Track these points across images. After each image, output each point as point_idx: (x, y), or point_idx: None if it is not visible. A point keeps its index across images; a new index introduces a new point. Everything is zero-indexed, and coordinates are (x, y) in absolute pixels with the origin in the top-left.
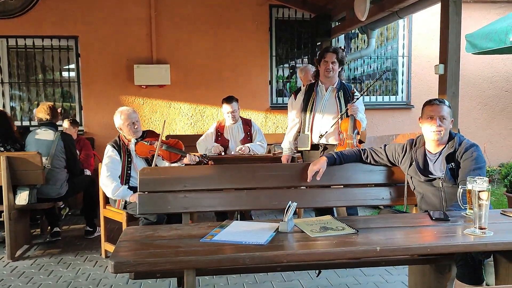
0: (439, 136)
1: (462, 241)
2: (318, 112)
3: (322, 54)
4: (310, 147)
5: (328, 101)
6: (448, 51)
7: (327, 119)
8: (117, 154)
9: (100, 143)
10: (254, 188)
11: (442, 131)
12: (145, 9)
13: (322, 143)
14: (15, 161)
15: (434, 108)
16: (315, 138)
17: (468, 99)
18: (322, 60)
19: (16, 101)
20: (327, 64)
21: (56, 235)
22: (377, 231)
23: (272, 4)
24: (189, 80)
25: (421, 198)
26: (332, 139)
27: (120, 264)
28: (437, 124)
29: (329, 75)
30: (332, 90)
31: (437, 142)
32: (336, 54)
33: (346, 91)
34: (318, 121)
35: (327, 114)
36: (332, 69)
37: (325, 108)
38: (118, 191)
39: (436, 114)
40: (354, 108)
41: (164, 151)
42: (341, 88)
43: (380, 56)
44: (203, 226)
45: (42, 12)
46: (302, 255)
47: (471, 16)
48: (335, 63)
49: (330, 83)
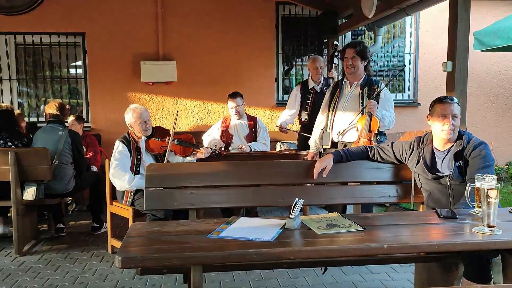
0: (451, 135)
1: (471, 239)
2: (340, 109)
3: (342, 51)
4: (330, 145)
5: (351, 98)
6: (456, 49)
7: (348, 117)
8: (127, 150)
9: (107, 139)
10: (260, 185)
11: (454, 130)
12: (152, 6)
13: (342, 141)
14: (23, 156)
15: (446, 107)
16: (334, 136)
17: (476, 97)
18: (343, 57)
19: (23, 97)
20: (347, 60)
21: (60, 231)
22: (384, 229)
23: (279, 1)
24: (195, 77)
25: (428, 196)
26: (350, 137)
27: (127, 260)
28: (451, 123)
29: (350, 71)
30: (356, 87)
31: (447, 140)
32: (354, 48)
33: (372, 87)
34: (339, 119)
35: (348, 112)
36: (353, 65)
37: (347, 105)
38: (134, 180)
39: (449, 112)
40: (372, 104)
41: (177, 145)
42: (366, 84)
43: (387, 53)
44: (209, 222)
45: (50, 9)
46: (309, 252)
47: (479, 13)
48: (355, 58)
49: (355, 79)
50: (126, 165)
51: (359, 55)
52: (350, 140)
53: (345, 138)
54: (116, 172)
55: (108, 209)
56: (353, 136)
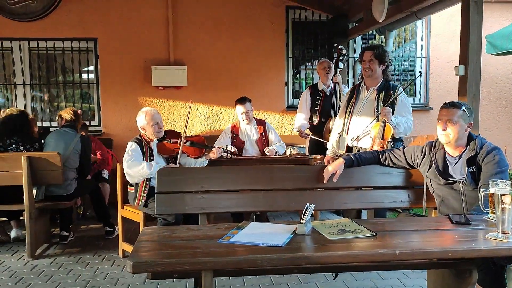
0: (447, 139)
1: (484, 245)
2: (356, 114)
3: (360, 54)
4: (345, 150)
5: (367, 103)
6: (468, 52)
7: (363, 122)
8: (139, 150)
9: (118, 144)
10: (270, 190)
11: (449, 135)
12: (163, 11)
13: (357, 147)
14: (35, 161)
15: (442, 112)
16: (349, 141)
17: (489, 101)
18: (361, 60)
19: (37, 102)
20: (364, 63)
21: (63, 238)
22: (396, 234)
23: (289, 5)
24: (206, 81)
25: (440, 201)
26: (365, 143)
27: (138, 264)
28: (442, 127)
29: (367, 74)
30: (373, 91)
31: (447, 144)
32: (373, 51)
33: (388, 92)
34: (354, 124)
35: (363, 117)
36: (370, 68)
37: (362, 110)
38: (153, 165)
39: (444, 117)
40: (386, 111)
41: (189, 147)
42: (383, 89)
43: (398, 57)
44: (220, 227)
45: (63, 15)
46: (320, 258)
47: (491, 17)
48: (372, 62)
49: (372, 84)
50: (139, 160)
51: (377, 59)
52: (364, 146)
53: (360, 144)
54: (132, 164)
55: (120, 213)
56: (368, 142)
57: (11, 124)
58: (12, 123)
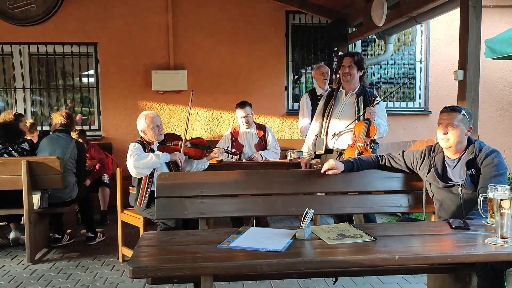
0: (447, 144)
1: (484, 250)
2: (335, 117)
3: (340, 59)
4: (324, 151)
5: (346, 106)
6: (467, 57)
7: (343, 124)
8: (142, 150)
9: (118, 148)
10: (270, 194)
11: (449, 139)
12: (163, 16)
13: (337, 148)
14: (35, 165)
15: (442, 116)
16: (329, 142)
17: (488, 105)
18: (341, 66)
19: (37, 106)
20: (344, 68)
21: (56, 241)
22: (396, 239)
23: (289, 10)
24: (206, 85)
25: (439, 205)
26: (345, 142)
27: (138, 269)
28: (443, 132)
29: (346, 79)
30: (351, 96)
31: (447, 148)
32: (352, 58)
33: (366, 97)
34: (333, 126)
35: (344, 119)
36: (349, 73)
37: (342, 113)
38: (160, 155)
39: (444, 121)
40: (371, 111)
41: (190, 148)
42: (361, 93)
43: (397, 61)
44: (220, 232)
45: (63, 20)
46: (320, 263)
47: (490, 21)
48: (352, 67)
49: (350, 88)
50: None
51: (356, 65)
52: (344, 146)
53: (339, 144)
54: (139, 157)
55: (119, 218)
56: (347, 141)
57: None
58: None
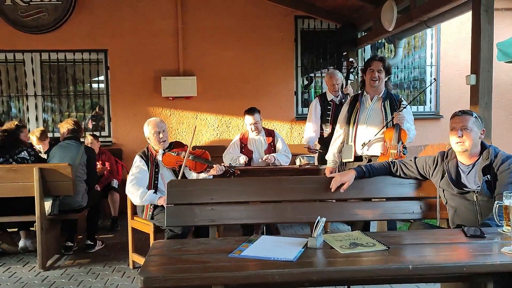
0: (463, 147)
1: (500, 260)
2: (362, 122)
3: (368, 62)
4: (353, 158)
5: (373, 111)
6: (479, 61)
7: (371, 130)
8: (144, 164)
9: (128, 154)
10: (280, 201)
11: (465, 142)
12: (172, 22)
13: (366, 155)
14: (47, 172)
15: (455, 120)
16: (358, 149)
17: (501, 109)
18: (367, 69)
19: (48, 112)
20: (372, 72)
21: (69, 249)
22: (409, 248)
23: (297, 15)
24: (215, 91)
25: (454, 212)
26: (376, 150)
27: (149, 279)
28: (458, 135)
29: (375, 84)
30: (377, 100)
31: (463, 153)
32: (383, 63)
33: (392, 100)
34: (361, 132)
35: (371, 125)
36: (378, 78)
37: (369, 118)
38: (146, 195)
39: (458, 125)
40: (400, 117)
41: (191, 161)
42: (387, 97)
43: (407, 65)
44: (231, 241)
45: (74, 27)
46: (332, 273)
47: (502, 24)
48: (381, 72)
49: (375, 92)
50: (143, 180)
51: (385, 69)
52: (375, 153)
53: (370, 151)
54: (131, 188)
55: (130, 224)
56: (378, 149)
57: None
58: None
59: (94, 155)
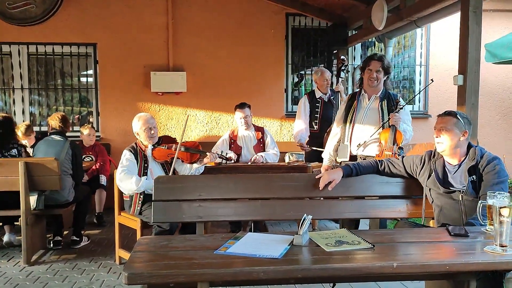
0: (440, 148)
1: (482, 259)
2: (359, 122)
3: (366, 61)
4: (349, 158)
5: (370, 111)
6: (467, 62)
7: (367, 129)
8: (133, 158)
9: (117, 149)
10: (268, 198)
11: (443, 143)
12: (163, 17)
13: (361, 155)
14: (32, 166)
15: (437, 120)
16: (353, 149)
17: (487, 109)
18: (366, 68)
19: (35, 106)
20: (371, 72)
21: (57, 244)
22: (394, 246)
23: (289, 12)
24: (205, 87)
25: (439, 211)
26: (372, 150)
27: (134, 276)
28: (436, 135)
29: (373, 84)
30: (375, 99)
31: (442, 153)
32: (382, 62)
33: (390, 100)
34: (358, 131)
35: (368, 124)
36: (377, 78)
37: (366, 118)
38: (141, 182)
39: (438, 125)
40: (396, 118)
41: (184, 152)
42: (385, 97)
43: (397, 65)
44: (217, 238)
45: (62, 20)
46: (317, 270)
47: (490, 25)
48: (379, 72)
49: (373, 92)
50: (133, 170)
51: (383, 69)
52: (371, 154)
53: (365, 152)
54: (123, 177)
55: (116, 220)
56: (374, 149)
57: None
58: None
59: (80, 151)
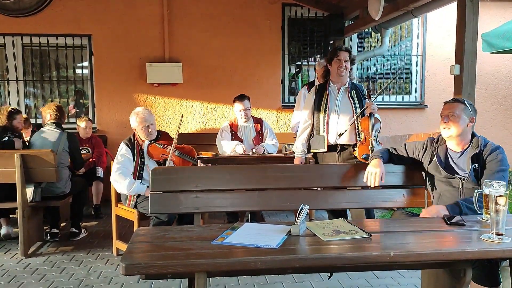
0: (448, 132)
1: (479, 247)
2: (333, 112)
3: (334, 52)
4: (326, 148)
5: (342, 101)
6: (464, 52)
7: (342, 119)
8: (130, 153)
9: (113, 141)
10: (265, 189)
11: (450, 127)
12: (158, 8)
13: (340, 144)
14: (28, 158)
15: (445, 107)
16: (331, 138)
17: (483, 99)
18: (334, 58)
19: (30, 98)
20: (340, 62)
21: (54, 236)
22: (391, 236)
23: (285, 2)
24: (201, 78)
25: (438, 197)
26: (348, 139)
27: (131, 266)
28: (443, 121)
29: (342, 73)
30: (344, 90)
31: (449, 139)
32: (349, 53)
33: (357, 90)
34: (333, 122)
35: (342, 115)
36: (346, 68)
37: (339, 108)
38: (133, 186)
39: (446, 111)
40: (373, 106)
41: (177, 157)
42: (353, 87)
43: (393, 55)
44: (214, 228)
45: (57, 11)
46: (314, 260)
47: (487, 15)
48: (348, 62)
49: (341, 83)
50: (128, 169)
51: (350, 60)
52: (349, 142)
53: (342, 140)
54: (117, 177)
55: (114, 211)
56: (352, 138)
57: None
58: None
59: (77, 142)
